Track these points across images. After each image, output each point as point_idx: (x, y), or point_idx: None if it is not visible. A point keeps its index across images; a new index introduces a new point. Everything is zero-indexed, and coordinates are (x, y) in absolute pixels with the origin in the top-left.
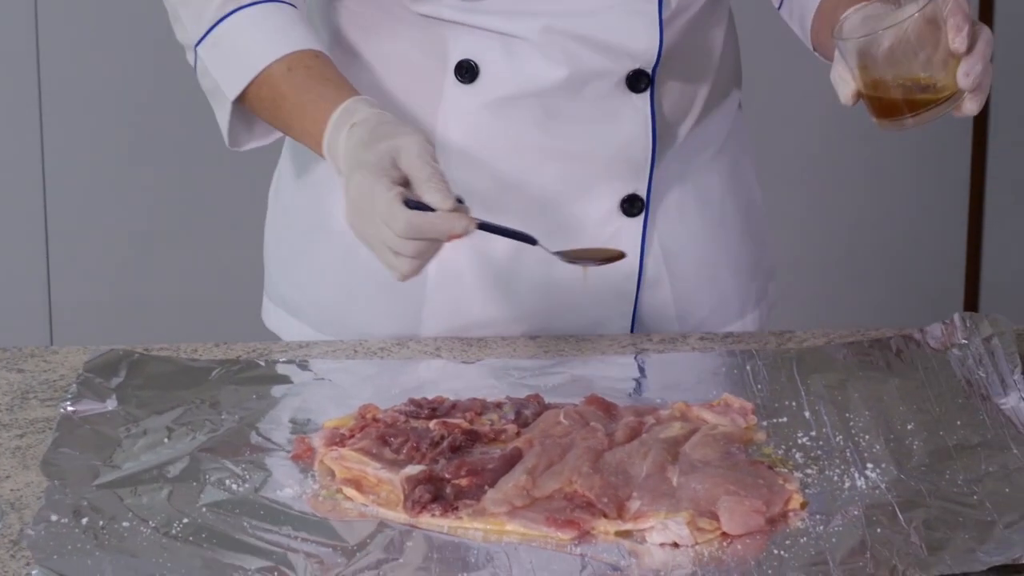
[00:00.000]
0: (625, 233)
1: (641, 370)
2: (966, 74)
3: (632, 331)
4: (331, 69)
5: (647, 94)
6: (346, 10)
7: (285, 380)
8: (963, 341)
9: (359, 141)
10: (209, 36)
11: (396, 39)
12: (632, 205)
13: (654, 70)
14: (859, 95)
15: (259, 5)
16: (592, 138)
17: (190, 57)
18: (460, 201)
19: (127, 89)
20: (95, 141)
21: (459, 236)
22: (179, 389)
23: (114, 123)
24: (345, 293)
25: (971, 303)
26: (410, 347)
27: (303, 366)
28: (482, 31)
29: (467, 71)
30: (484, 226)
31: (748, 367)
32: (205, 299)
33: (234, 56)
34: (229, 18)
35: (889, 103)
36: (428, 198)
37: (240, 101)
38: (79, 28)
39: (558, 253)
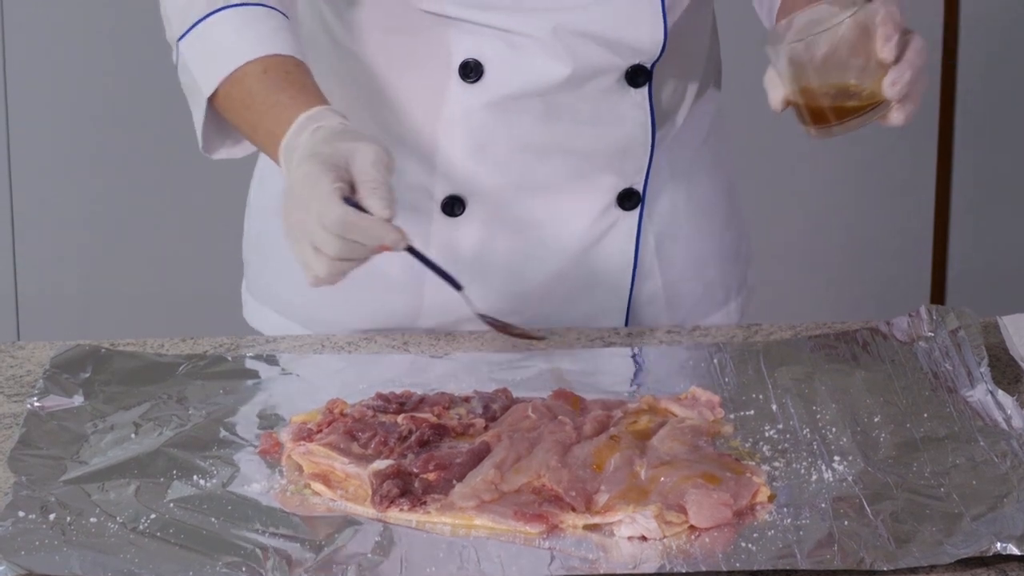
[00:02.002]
0: (621, 226)
1: (609, 364)
2: (892, 83)
3: (626, 323)
4: (308, 78)
5: (645, 89)
6: (349, 8)
7: (252, 375)
8: (929, 334)
9: (320, 139)
10: (192, 31)
11: (400, 37)
12: (628, 199)
13: (653, 64)
14: (788, 101)
15: (248, 7)
16: (593, 134)
17: (175, 55)
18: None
19: (95, 82)
20: (62, 135)
21: (387, 248)
22: (146, 384)
23: (81, 116)
24: (330, 290)
25: (937, 296)
26: (377, 342)
27: (271, 361)
28: (487, 29)
29: (472, 70)
30: (413, 251)
31: (715, 360)
32: (172, 294)
33: (214, 53)
34: (215, 15)
35: (817, 110)
36: (369, 202)
37: (215, 102)
38: (46, 18)
39: (481, 316)
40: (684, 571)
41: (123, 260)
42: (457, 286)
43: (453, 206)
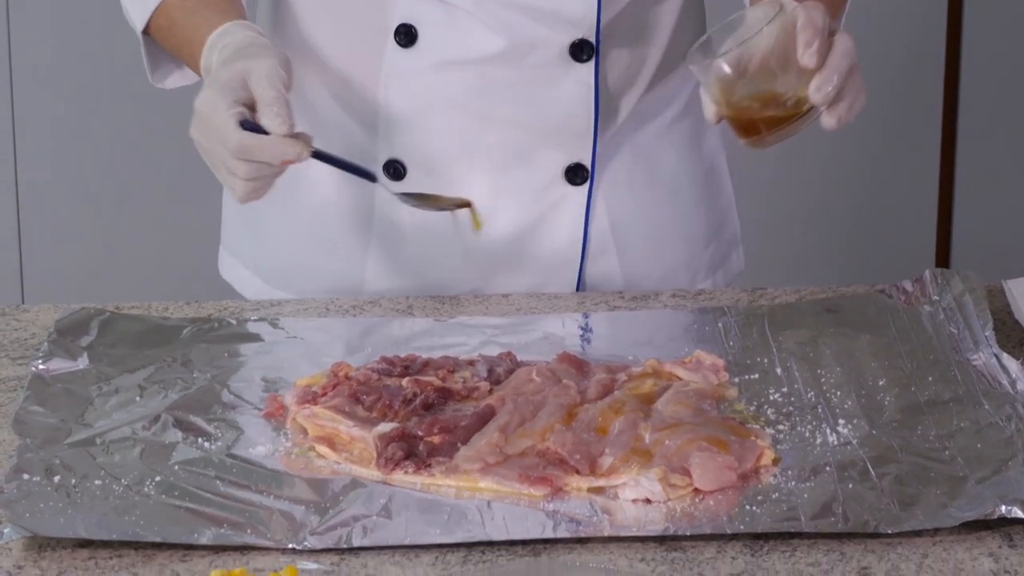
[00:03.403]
0: (569, 202)
1: (613, 327)
2: (817, 89)
3: None
4: (227, 2)
5: (591, 64)
6: None
7: (256, 338)
8: (934, 298)
9: (222, 60)
10: None
11: None
12: (576, 174)
13: (597, 40)
14: (721, 115)
15: None
16: (533, 107)
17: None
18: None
19: (99, 47)
20: (66, 99)
21: (292, 162)
22: (150, 347)
23: (85, 79)
24: (298, 249)
25: (942, 260)
26: (382, 305)
27: (274, 324)
28: None
29: (406, 35)
30: (319, 155)
31: (720, 324)
32: (176, 258)
33: None
34: None
35: (748, 122)
36: (265, 121)
37: (150, 34)
38: None
39: (401, 195)
40: (688, 534)
41: (128, 224)
42: (371, 178)
43: (395, 170)
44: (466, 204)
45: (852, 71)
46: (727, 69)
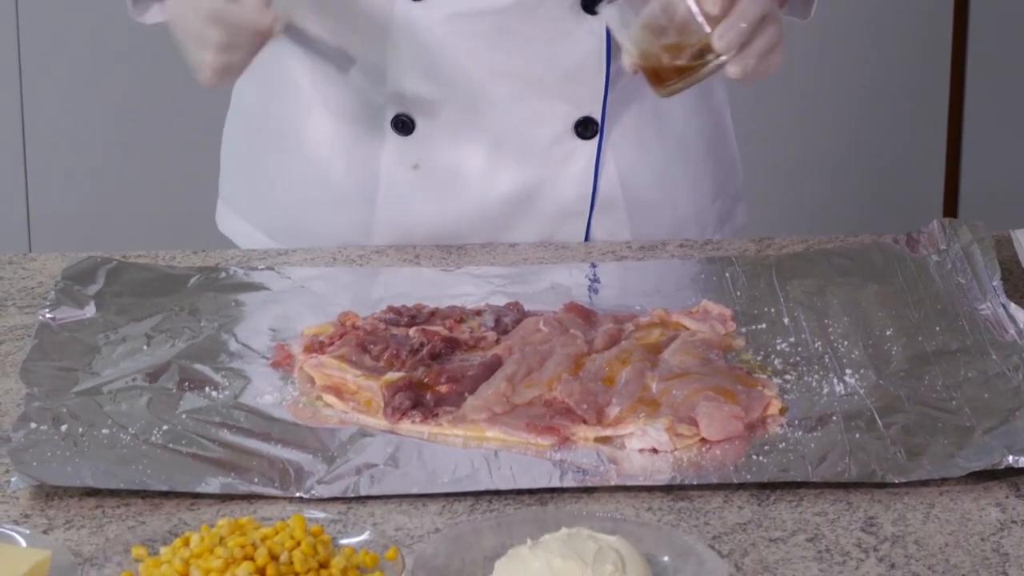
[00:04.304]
0: (578, 156)
1: (620, 277)
2: (720, 37)
3: None
4: None
5: (602, 16)
6: None
7: (263, 288)
8: (942, 247)
9: None
10: None
11: None
12: (586, 128)
13: None
14: (636, 65)
15: None
16: (545, 59)
17: None
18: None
19: (103, 3)
20: (72, 48)
21: (267, 34)
22: (158, 296)
23: (91, 29)
24: (301, 205)
25: (950, 210)
26: (389, 255)
27: (281, 273)
28: None
29: None
30: (294, 32)
31: (727, 274)
32: (184, 206)
33: None
34: None
35: (660, 70)
36: None
37: None
38: None
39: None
40: (695, 483)
41: (135, 173)
42: (348, 64)
43: (403, 125)
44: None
45: (765, 21)
46: (637, 18)
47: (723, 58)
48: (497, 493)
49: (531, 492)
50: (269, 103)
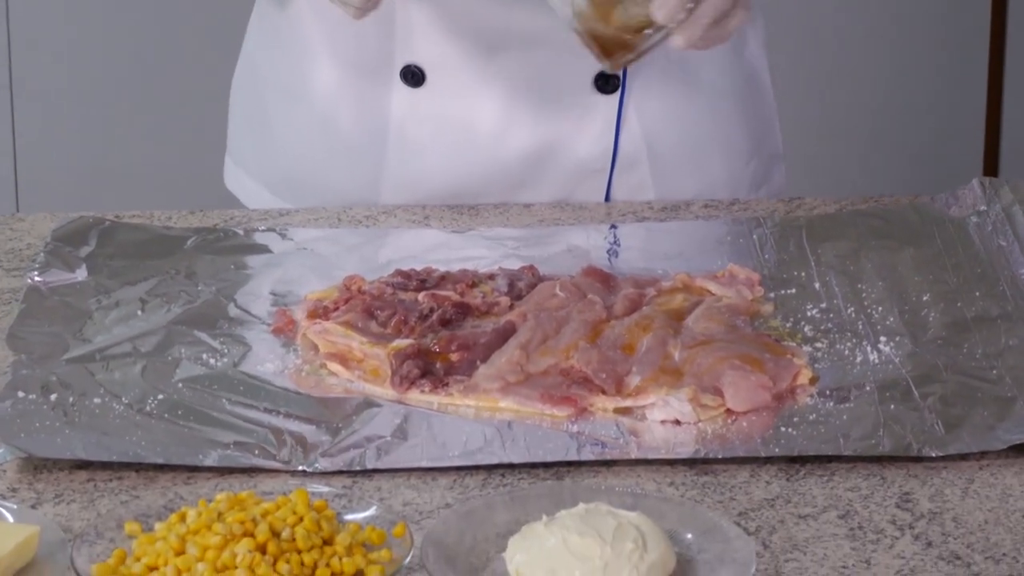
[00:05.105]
0: (598, 111)
1: (642, 239)
2: (659, 7)
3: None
4: None
5: None
6: None
7: (264, 250)
8: (982, 208)
9: None
10: None
11: None
12: (606, 81)
13: None
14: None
15: None
16: None
17: None
18: None
19: None
20: (60, 2)
21: None
22: (153, 258)
23: None
24: (308, 160)
25: (991, 168)
26: (397, 215)
27: (283, 235)
28: None
29: None
30: None
31: (755, 236)
32: (180, 164)
33: None
34: None
35: (604, 42)
36: None
37: None
38: None
39: None
40: (720, 456)
41: (128, 128)
42: None
43: (413, 76)
44: None
45: None
46: None
47: (665, 30)
48: (511, 467)
49: (546, 466)
50: (276, 53)
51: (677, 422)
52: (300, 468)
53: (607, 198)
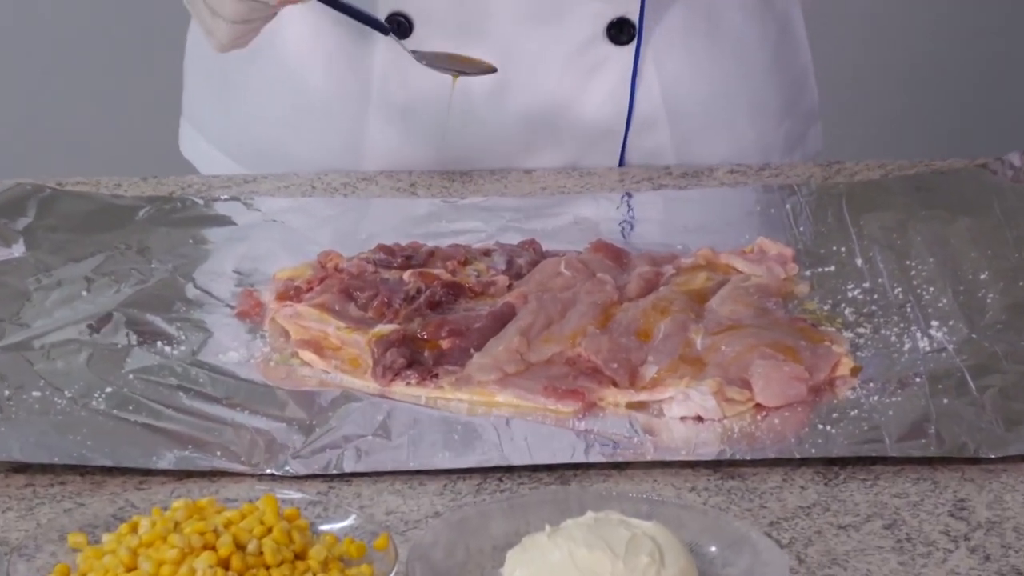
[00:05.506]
0: (611, 64)
1: (659, 210)
2: None
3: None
4: None
5: None
6: None
7: (227, 222)
8: None
9: None
10: None
11: None
12: (620, 31)
13: None
14: None
15: None
16: None
17: None
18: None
19: None
20: None
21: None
22: (100, 232)
23: None
24: (278, 123)
25: None
26: (380, 183)
27: (249, 205)
28: None
29: None
30: None
31: (788, 205)
32: (131, 125)
33: None
34: None
35: None
36: None
37: None
38: None
39: (415, 53)
40: (748, 458)
41: (71, 84)
42: (384, 30)
43: (399, 26)
44: (491, 70)
45: None
46: None
47: None
48: (509, 470)
49: (550, 468)
50: None
51: (699, 419)
52: (268, 471)
53: (621, 163)
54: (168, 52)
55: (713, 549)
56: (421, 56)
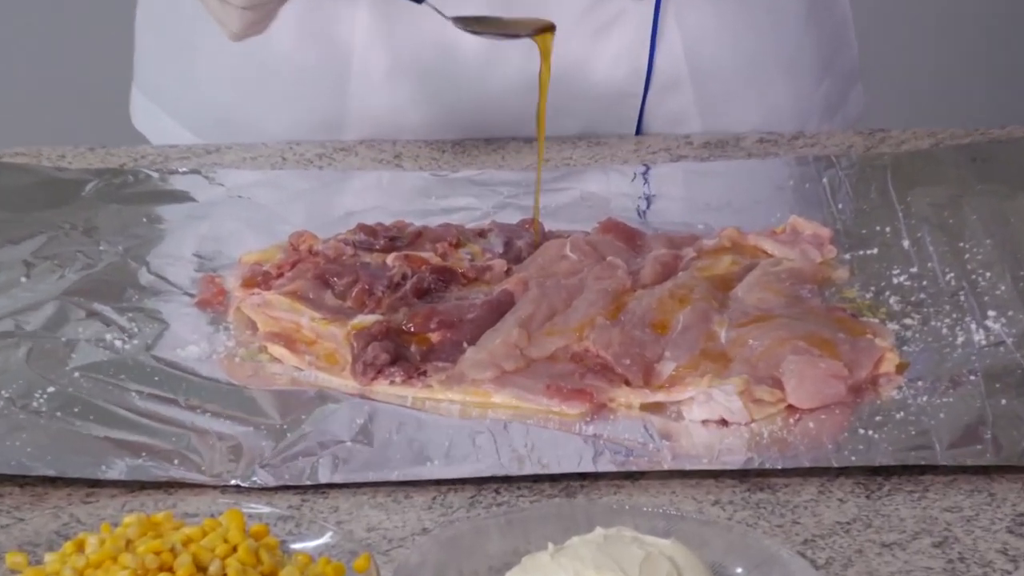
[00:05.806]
0: (629, 19)
1: (679, 184)
2: None
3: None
4: None
5: None
6: None
7: (186, 198)
8: None
9: None
10: None
11: None
12: None
13: None
14: None
15: None
16: None
17: None
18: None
19: None
20: None
21: None
22: (41, 209)
23: None
24: (241, 90)
25: None
26: (360, 154)
27: (210, 178)
28: None
29: None
30: None
31: (825, 180)
32: (75, 88)
33: None
34: None
35: None
36: None
37: None
38: None
39: (457, 19)
40: (779, 467)
41: (10, 45)
42: None
43: None
44: (548, 28)
45: None
46: None
47: None
48: (507, 480)
49: (553, 479)
50: None
51: (723, 422)
52: (233, 483)
53: (638, 131)
54: (118, 9)
55: (739, 570)
56: (462, 23)
